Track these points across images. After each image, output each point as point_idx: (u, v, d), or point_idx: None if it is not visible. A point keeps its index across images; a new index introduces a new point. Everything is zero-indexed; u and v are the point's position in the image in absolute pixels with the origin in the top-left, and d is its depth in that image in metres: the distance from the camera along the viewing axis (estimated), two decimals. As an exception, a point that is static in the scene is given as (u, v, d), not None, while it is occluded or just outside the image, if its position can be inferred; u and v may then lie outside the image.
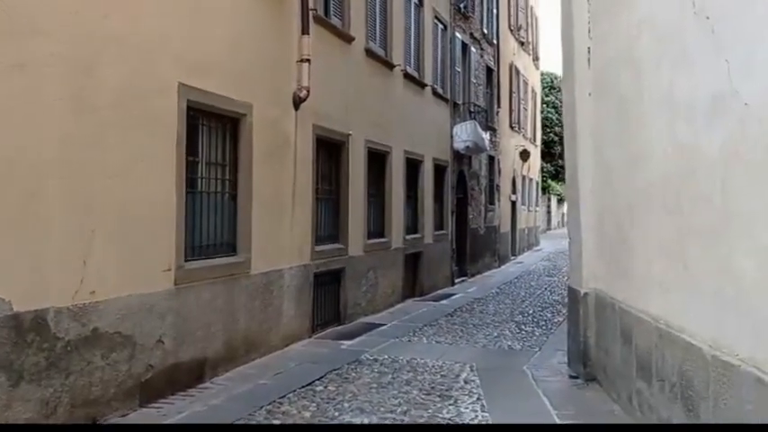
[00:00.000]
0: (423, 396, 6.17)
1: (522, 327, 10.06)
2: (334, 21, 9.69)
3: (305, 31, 8.33)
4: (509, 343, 8.85)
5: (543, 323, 10.37)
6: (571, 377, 6.81)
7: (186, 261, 6.29)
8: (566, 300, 13.21)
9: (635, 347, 5.14)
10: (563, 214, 45.68)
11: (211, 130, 6.94)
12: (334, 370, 7.14)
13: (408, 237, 12.84)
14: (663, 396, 4.49)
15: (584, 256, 6.60)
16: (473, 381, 6.71)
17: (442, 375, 6.95)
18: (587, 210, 6.60)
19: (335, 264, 9.70)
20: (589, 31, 6.62)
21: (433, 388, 6.46)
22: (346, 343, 8.71)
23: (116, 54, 5.39)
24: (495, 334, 9.44)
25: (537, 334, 9.49)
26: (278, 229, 8.03)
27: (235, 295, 7.10)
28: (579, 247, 6.73)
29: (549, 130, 34.42)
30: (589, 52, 6.62)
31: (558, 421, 5.44)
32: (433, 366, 7.35)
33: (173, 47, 6.09)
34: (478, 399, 6.07)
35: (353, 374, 6.99)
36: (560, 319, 10.65)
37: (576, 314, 6.80)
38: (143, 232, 5.68)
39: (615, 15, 5.75)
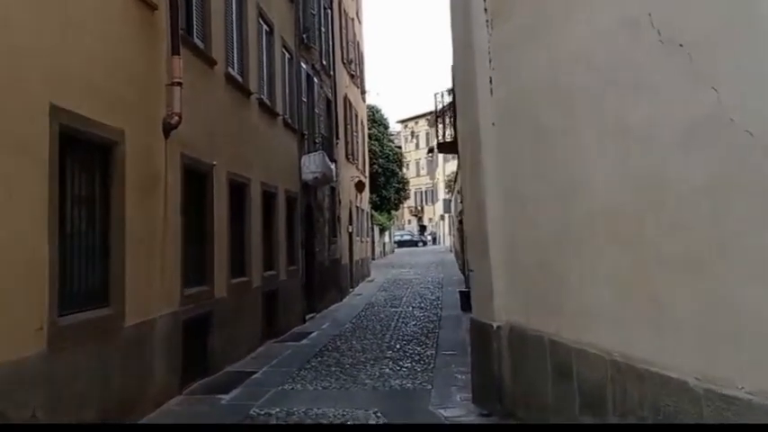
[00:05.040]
0: (345, 452, 5.63)
1: (399, 363, 9.76)
2: (198, 42, 8.90)
3: (175, 51, 7.50)
4: (398, 381, 8.50)
5: (417, 357, 10.16)
6: (482, 415, 6.61)
7: (60, 316, 5.23)
8: (425, 330, 13.36)
9: (577, 381, 5.04)
10: (384, 244, 46.73)
11: (81, 161, 5.91)
12: None
13: (266, 274, 12.10)
14: (625, 431, 4.40)
15: (496, 290, 6.46)
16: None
17: (351, 426, 6.43)
18: (496, 243, 6.47)
19: (202, 308, 8.78)
20: (490, 62, 6.59)
21: (350, 441, 5.94)
22: (224, 397, 7.84)
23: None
24: (378, 373, 9.04)
25: (418, 370, 9.23)
26: (150, 274, 7.05)
27: (108, 353, 6.07)
28: (488, 281, 6.58)
29: (372, 161, 35.08)
30: (491, 82, 6.58)
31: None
32: (336, 416, 6.78)
33: (42, 62, 5.09)
34: (407, 448, 5.67)
35: (254, 434, 6.25)
36: (432, 352, 10.54)
37: (486, 349, 6.61)
38: (14, 284, 4.61)
39: (531, 48, 5.72)
